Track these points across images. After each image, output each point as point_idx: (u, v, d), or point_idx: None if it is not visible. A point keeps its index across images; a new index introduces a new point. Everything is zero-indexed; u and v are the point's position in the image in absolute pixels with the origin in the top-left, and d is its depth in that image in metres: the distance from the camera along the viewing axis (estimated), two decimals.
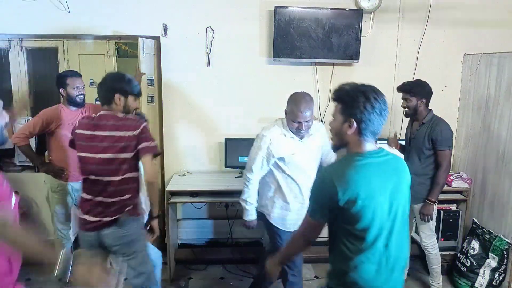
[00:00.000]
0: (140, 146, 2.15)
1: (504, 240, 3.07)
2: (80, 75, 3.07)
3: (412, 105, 2.93)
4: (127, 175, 2.18)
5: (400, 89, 3.02)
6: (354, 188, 1.45)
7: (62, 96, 3.01)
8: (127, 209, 2.18)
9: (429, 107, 2.98)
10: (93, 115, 2.25)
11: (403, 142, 3.21)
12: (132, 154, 2.15)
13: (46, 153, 3.19)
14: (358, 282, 1.52)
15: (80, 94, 3.01)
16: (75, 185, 3.02)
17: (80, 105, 3.03)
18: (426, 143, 2.89)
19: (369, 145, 1.54)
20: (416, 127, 2.99)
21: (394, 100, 3.67)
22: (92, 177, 2.17)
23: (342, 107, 1.53)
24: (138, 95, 2.32)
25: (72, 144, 2.32)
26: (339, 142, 1.59)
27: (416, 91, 2.92)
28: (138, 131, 2.15)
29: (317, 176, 1.62)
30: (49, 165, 3.03)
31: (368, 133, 1.51)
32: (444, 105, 3.34)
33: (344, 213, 1.48)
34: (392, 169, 1.56)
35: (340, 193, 1.45)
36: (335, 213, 1.50)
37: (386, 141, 3.35)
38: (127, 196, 2.19)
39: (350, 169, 1.48)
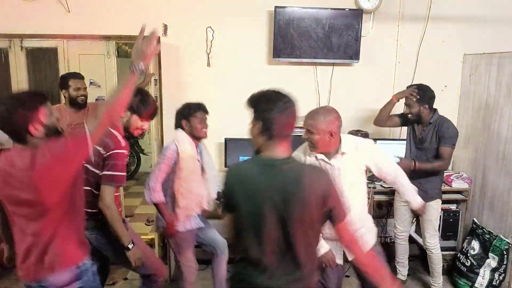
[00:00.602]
0: (103, 172, 2.07)
1: (504, 240, 3.07)
2: (82, 77, 3.09)
3: (414, 112, 2.90)
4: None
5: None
6: (234, 189, 1.50)
7: (65, 97, 3.03)
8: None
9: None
10: None
11: (403, 143, 3.19)
12: (100, 173, 2.09)
13: None
14: (241, 275, 1.57)
15: (82, 96, 3.02)
16: None
17: (82, 106, 3.04)
18: (434, 143, 2.88)
19: (277, 149, 1.50)
20: (423, 127, 2.95)
21: None
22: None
23: (252, 112, 1.57)
24: (143, 116, 2.22)
25: None
26: (255, 147, 1.59)
27: (423, 97, 2.87)
28: (107, 154, 2.06)
29: None
30: None
31: (274, 133, 1.49)
32: (444, 105, 3.33)
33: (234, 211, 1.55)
34: (283, 180, 1.46)
35: (226, 190, 1.55)
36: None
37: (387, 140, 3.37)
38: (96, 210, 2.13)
39: (242, 170, 1.54)
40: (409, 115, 2.95)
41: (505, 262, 3.09)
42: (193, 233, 2.67)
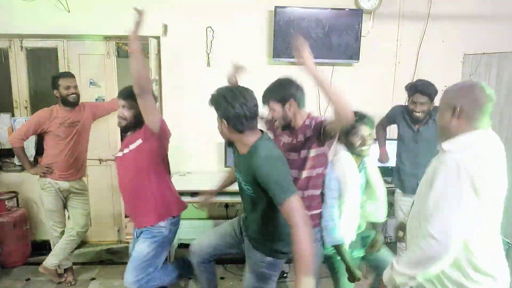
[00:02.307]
0: None
1: (504, 240, 3.07)
2: (72, 75, 3.07)
3: (427, 109, 2.76)
4: None
5: (422, 92, 2.76)
6: None
7: (57, 97, 3.04)
8: None
9: None
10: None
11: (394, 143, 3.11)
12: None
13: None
14: None
15: (72, 94, 3.01)
16: (62, 185, 3.06)
17: (73, 104, 3.04)
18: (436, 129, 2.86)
19: (252, 137, 1.81)
20: (424, 122, 2.83)
21: (395, 100, 3.69)
22: None
23: (216, 111, 1.82)
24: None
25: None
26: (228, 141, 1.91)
27: (434, 95, 2.77)
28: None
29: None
30: (37, 167, 3.07)
31: (242, 127, 1.78)
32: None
33: None
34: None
35: None
36: None
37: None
38: None
39: None
40: (419, 113, 2.78)
41: None
42: None
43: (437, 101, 2.98)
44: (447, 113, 1.53)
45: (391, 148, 3.19)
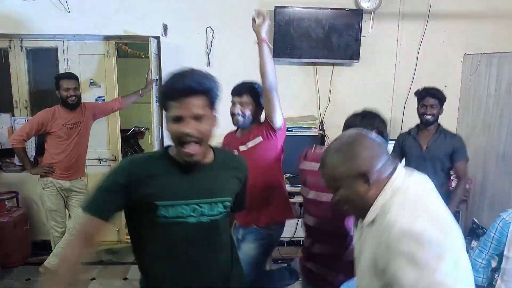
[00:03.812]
0: None
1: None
2: (72, 77, 3.07)
3: (437, 113, 2.80)
4: None
5: (433, 95, 2.81)
6: None
7: (58, 98, 3.04)
8: None
9: None
10: None
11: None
12: None
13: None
14: None
15: (71, 96, 3.00)
16: (64, 184, 3.07)
17: (72, 106, 3.04)
18: (446, 154, 2.78)
19: None
20: (430, 136, 2.84)
21: (395, 100, 3.70)
22: None
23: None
24: None
25: None
26: None
27: (444, 100, 2.82)
28: None
29: None
30: (38, 167, 3.09)
31: None
32: (444, 105, 3.34)
33: None
34: None
35: None
36: None
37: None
38: None
39: None
40: (429, 116, 2.80)
41: None
42: None
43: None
44: (358, 185, 1.16)
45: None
